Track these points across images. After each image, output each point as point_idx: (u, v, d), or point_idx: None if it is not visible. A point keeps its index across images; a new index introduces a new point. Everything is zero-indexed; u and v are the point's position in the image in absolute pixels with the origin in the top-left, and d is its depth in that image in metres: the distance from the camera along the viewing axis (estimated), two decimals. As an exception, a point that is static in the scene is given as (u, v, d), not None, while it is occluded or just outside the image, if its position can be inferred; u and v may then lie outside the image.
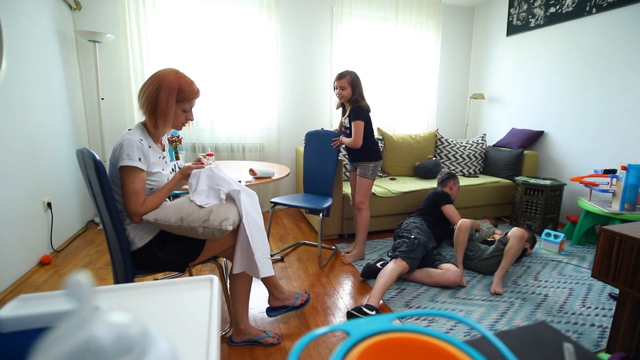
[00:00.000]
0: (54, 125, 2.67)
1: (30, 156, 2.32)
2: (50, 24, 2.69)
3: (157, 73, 1.32)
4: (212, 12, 3.25)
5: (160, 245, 1.37)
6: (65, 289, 0.14)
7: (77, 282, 0.14)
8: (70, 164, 2.92)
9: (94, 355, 0.14)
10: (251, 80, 3.46)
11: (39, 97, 2.47)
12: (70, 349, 0.14)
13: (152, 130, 1.34)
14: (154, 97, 1.29)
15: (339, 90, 2.38)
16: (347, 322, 0.28)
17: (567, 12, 3.30)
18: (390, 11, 3.80)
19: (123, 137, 1.26)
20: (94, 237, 2.97)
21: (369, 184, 2.47)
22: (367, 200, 2.49)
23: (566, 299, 2.05)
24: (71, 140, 2.96)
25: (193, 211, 1.31)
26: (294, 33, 3.62)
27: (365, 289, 2.16)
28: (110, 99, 3.23)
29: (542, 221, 3.05)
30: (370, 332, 0.27)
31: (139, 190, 1.26)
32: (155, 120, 1.31)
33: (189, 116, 1.39)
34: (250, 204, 1.48)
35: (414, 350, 0.27)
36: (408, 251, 2.13)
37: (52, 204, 2.57)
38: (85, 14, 3.09)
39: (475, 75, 4.42)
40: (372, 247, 2.77)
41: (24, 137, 2.27)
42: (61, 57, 2.84)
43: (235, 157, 3.52)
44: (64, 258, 2.54)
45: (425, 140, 3.75)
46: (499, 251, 2.26)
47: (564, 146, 3.38)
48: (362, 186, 2.47)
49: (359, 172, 2.48)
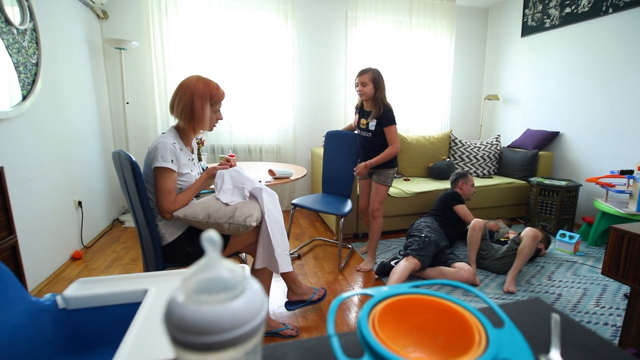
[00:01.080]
0: (84, 129, 2.83)
1: (63, 158, 2.48)
2: (81, 33, 2.85)
3: (184, 83, 1.43)
4: (231, 18, 3.37)
5: (189, 240, 1.48)
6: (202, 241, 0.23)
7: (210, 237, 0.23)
8: (97, 165, 3.08)
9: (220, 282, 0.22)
10: (268, 83, 3.57)
11: (71, 103, 2.63)
12: (205, 278, 0.23)
13: (191, 134, 1.45)
14: (189, 106, 1.39)
15: (360, 86, 2.25)
16: (370, 288, 0.36)
17: (582, 12, 3.29)
18: (404, 14, 3.86)
19: (158, 140, 1.37)
20: (120, 234, 3.12)
21: (386, 191, 2.39)
22: (382, 207, 2.42)
23: (580, 299, 2.07)
24: (99, 143, 3.12)
25: (219, 208, 1.41)
26: (310, 37, 3.71)
27: (379, 286, 2.22)
28: (134, 103, 3.38)
29: (557, 222, 3.05)
30: (389, 294, 0.35)
31: (171, 189, 1.37)
32: (194, 125, 1.43)
33: (219, 116, 1.51)
34: (271, 202, 1.57)
35: (423, 307, 0.34)
36: (419, 249, 2.18)
37: (83, 203, 2.72)
38: (112, 22, 3.25)
39: (489, 76, 4.43)
40: (386, 246, 2.83)
41: (58, 141, 2.42)
42: (90, 64, 3.00)
43: (253, 158, 3.63)
44: (93, 254, 2.69)
45: (439, 142, 3.78)
46: (512, 251, 2.30)
47: (580, 147, 3.37)
48: (380, 193, 2.38)
49: (377, 179, 2.38)
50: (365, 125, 2.36)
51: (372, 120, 2.29)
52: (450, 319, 0.33)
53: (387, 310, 0.34)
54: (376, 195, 2.39)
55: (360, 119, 2.40)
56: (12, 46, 1.94)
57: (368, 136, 2.35)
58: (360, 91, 2.25)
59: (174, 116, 1.46)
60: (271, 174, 2.20)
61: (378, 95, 2.24)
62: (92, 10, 3.08)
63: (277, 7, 3.46)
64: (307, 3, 3.65)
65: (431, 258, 2.22)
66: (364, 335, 0.29)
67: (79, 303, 0.75)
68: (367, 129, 2.34)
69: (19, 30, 2.00)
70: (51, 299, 0.73)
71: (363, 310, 0.33)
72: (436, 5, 3.94)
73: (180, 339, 0.22)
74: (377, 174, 2.39)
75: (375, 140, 2.33)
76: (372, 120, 2.28)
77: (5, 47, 1.88)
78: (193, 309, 0.22)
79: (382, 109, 2.23)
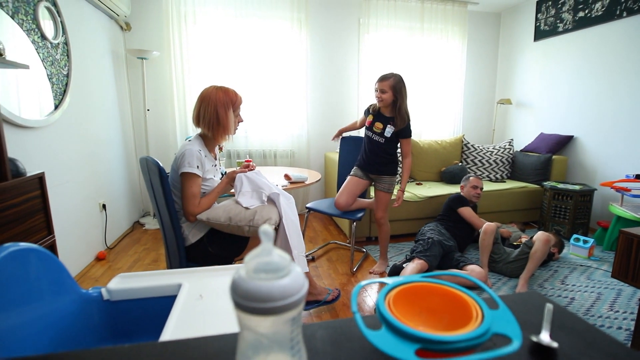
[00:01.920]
0: (108, 135, 2.97)
1: (89, 164, 2.61)
2: (106, 44, 3.00)
3: (204, 95, 1.52)
4: (246, 27, 3.49)
5: (211, 241, 1.56)
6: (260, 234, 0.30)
7: (266, 231, 0.30)
8: (119, 170, 3.22)
9: (273, 265, 0.30)
10: (282, 89, 3.67)
11: (97, 111, 2.77)
12: (262, 261, 0.30)
13: (215, 140, 1.55)
14: (214, 117, 1.49)
15: (379, 93, 2.19)
16: (385, 278, 0.43)
17: (596, 16, 3.29)
18: (415, 20, 3.91)
19: (185, 147, 1.46)
20: (140, 236, 3.24)
21: (389, 198, 2.40)
22: (387, 214, 2.42)
23: (593, 303, 2.07)
24: (121, 149, 3.26)
25: (240, 212, 1.49)
26: (323, 44, 3.80)
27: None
28: (155, 110, 3.52)
29: (572, 226, 3.05)
30: (402, 282, 0.41)
31: (195, 194, 1.46)
32: (220, 134, 1.52)
33: (240, 119, 1.60)
34: (288, 205, 1.64)
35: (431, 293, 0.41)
36: (424, 250, 2.24)
37: (107, 206, 2.85)
38: (134, 33, 3.40)
39: (502, 81, 4.44)
40: (398, 249, 2.88)
41: (85, 147, 2.56)
42: (114, 73, 3.15)
43: (268, 163, 3.73)
44: (116, 255, 2.81)
45: (451, 146, 3.81)
46: (524, 254, 2.31)
47: (595, 151, 3.35)
48: (385, 201, 2.39)
49: (381, 187, 2.38)
50: (380, 130, 2.30)
51: (389, 127, 2.25)
52: (453, 302, 0.40)
53: (400, 295, 0.40)
54: (381, 204, 2.39)
55: (375, 121, 2.32)
56: (47, 59, 2.07)
57: (380, 141, 2.31)
58: (379, 97, 2.21)
59: (200, 127, 1.55)
60: (287, 178, 2.28)
61: (400, 104, 2.18)
62: (116, 23, 3.24)
63: (291, 16, 3.56)
64: (320, 11, 3.75)
65: (438, 258, 2.27)
66: (381, 311, 0.36)
67: (120, 295, 0.83)
68: (382, 134, 2.29)
69: (53, 44, 2.14)
70: (97, 291, 0.82)
71: (380, 294, 0.40)
72: (448, 11, 3.98)
73: (242, 304, 0.29)
74: (382, 181, 2.37)
75: (387, 147, 2.32)
76: (390, 127, 2.25)
77: (41, 60, 2.02)
78: (253, 283, 0.29)
79: (404, 122, 2.21)
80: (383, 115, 2.30)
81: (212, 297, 0.79)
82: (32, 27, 1.95)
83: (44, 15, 2.06)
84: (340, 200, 2.40)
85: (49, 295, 0.71)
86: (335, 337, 0.42)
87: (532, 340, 0.41)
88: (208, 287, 0.83)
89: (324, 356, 0.39)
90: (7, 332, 0.57)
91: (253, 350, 0.30)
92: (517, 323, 0.36)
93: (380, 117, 2.31)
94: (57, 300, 0.72)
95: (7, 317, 0.58)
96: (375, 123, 2.32)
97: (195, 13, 3.37)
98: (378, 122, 2.31)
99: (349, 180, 2.46)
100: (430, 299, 0.40)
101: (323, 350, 0.40)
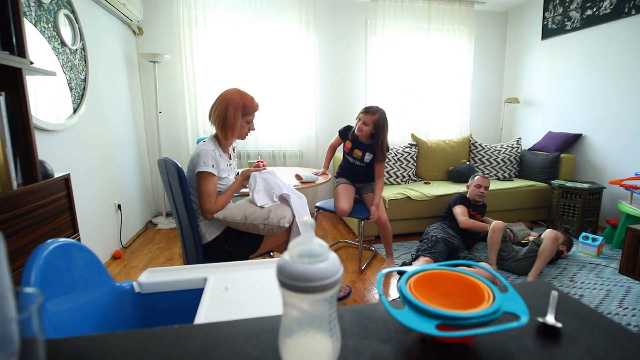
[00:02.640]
0: (122, 138, 3.05)
1: (105, 165, 2.69)
2: (120, 49, 3.08)
3: (223, 93, 1.58)
4: (255, 30, 3.55)
5: (227, 239, 1.62)
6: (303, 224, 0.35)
7: (308, 222, 0.35)
8: (133, 171, 3.30)
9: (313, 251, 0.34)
10: (291, 91, 3.72)
11: (111, 114, 2.85)
12: (305, 248, 0.35)
13: (223, 140, 1.60)
14: (223, 114, 1.54)
15: (361, 124, 2.28)
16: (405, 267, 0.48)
17: (604, 14, 3.29)
18: (422, 21, 3.94)
19: (200, 147, 1.52)
20: (153, 236, 3.32)
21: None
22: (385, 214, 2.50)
23: (602, 300, 2.09)
24: (134, 150, 3.34)
25: (255, 211, 1.54)
26: (331, 46, 3.85)
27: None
28: (166, 112, 3.60)
29: (580, 224, 3.05)
30: (419, 270, 0.46)
31: (212, 192, 1.51)
32: (225, 132, 1.57)
33: (251, 127, 1.65)
34: (300, 204, 1.69)
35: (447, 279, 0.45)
36: (428, 248, 2.31)
37: (122, 206, 2.93)
38: (146, 37, 3.49)
39: (509, 80, 4.44)
40: (408, 247, 2.91)
41: (101, 149, 2.64)
42: (127, 77, 3.23)
43: (277, 163, 3.79)
44: (131, 253, 2.89)
45: (459, 145, 3.83)
46: (532, 252, 2.34)
47: (604, 149, 3.35)
48: (381, 204, 2.49)
49: (370, 190, 2.53)
50: (359, 157, 2.45)
51: (368, 155, 2.41)
52: (467, 286, 0.44)
53: (419, 280, 0.45)
54: (382, 207, 2.48)
55: (354, 148, 2.46)
56: (66, 64, 2.15)
57: (361, 165, 2.47)
58: (360, 128, 2.30)
59: (210, 122, 1.62)
60: (298, 178, 2.33)
61: (382, 140, 2.27)
62: (129, 27, 3.32)
63: (300, 18, 3.61)
64: (328, 13, 3.80)
65: (444, 255, 2.31)
66: (404, 294, 0.41)
67: (150, 288, 0.89)
68: (362, 159, 2.45)
69: (71, 49, 2.22)
70: (129, 284, 0.88)
71: (401, 280, 0.45)
72: (455, 11, 4.01)
73: (287, 284, 0.34)
74: (369, 186, 2.53)
75: (367, 168, 2.48)
76: (369, 155, 2.40)
77: (61, 66, 2.09)
78: (296, 266, 0.34)
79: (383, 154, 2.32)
80: (362, 143, 2.43)
81: (237, 289, 0.84)
82: (52, 34, 2.03)
83: (63, 22, 2.14)
84: (343, 206, 2.41)
85: (90, 286, 0.77)
86: (361, 320, 0.47)
87: (539, 321, 0.45)
88: (232, 280, 0.89)
89: (352, 335, 0.44)
90: (60, 315, 0.63)
91: (297, 325, 0.35)
92: (524, 303, 0.40)
93: (358, 145, 2.45)
94: (96, 291, 0.78)
95: (59, 303, 0.64)
96: (354, 150, 2.47)
97: (206, 17, 3.44)
98: (357, 149, 2.46)
99: (341, 188, 2.53)
100: (446, 284, 0.45)
101: (351, 330, 0.45)
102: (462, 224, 2.59)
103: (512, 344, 0.41)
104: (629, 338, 0.42)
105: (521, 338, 0.42)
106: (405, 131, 4.07)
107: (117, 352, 0.41)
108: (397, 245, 2.98)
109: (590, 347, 0.40)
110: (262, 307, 0.77)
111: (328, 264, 0.34)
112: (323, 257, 0.35)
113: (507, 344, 0.41)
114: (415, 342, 0.42)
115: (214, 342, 0.42)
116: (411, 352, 0.40)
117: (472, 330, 0.35)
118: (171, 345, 0.42)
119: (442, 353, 0.40)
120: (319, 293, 0.34)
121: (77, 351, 0.42)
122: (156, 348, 0.42)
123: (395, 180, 3.56)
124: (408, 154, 3.64)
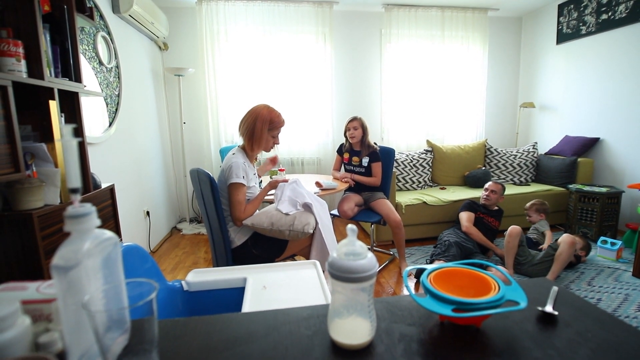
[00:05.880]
0: (150, 147, 3.23)
1: (135, 173, 2.87)
2: (147, 64, 3.28)
3: (253, 108, 1.71)
4: (274, 42, 3.70)
5: (254, 244, 1.73)
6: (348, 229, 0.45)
7: (352, 228, 0.45)
8: (159, 178, 3.48)
9: (356, 250, 0.45)
10: (309, 100, 3.85)
11: (141, 126, 3.03)
12: (350, 248, 0.45)
13: (249, 152, 1.73)
14: (251, 127, 1.67)
15: (352, 130, 2.66)
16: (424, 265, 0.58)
17: (620, 18, 3.30)
18: (436, 28, 4.02)
19: (231, 160, 1.65)
20: (179, 241, 3.48)
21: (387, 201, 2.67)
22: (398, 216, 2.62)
23: (620, 304, 2.11)
24: (160, 158, 3.53)
25: (281, 218, 1.66)
26: (347, 55, 3.97)
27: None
28: (190, 123, 3.78)
29: (599, 229, 3.05)
30: (438, 267, 0.56)
31: (241, 201, 1.64)
32: (252, 144, 1.70)
33: (276, 140, 1.77)
34: (322, 211, 1.80)
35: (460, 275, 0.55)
36: (442, 252, 2.41)
37: (150, 213, 3.10)
38: (171, 52, 3.68)
39: (524, 84, 4.46)
40: (424, 251, 2.98)
41: (132, 158, 2.81)
42: (154, 90, 3.43)
43: (295, 170, 3.91)
44: (159, 258, 3.05)
45: (474, 151, 3.87)
46: (549, 256, 2.37)
47: (622, 153, 3.34)
48: (387, 205, 2.60)
49: (378, 197, 2.67)
50: (358, 162, 2.76)
51: (365, 158, 2.71)
52: (477, 281, 0.53)
53: (438, 276, 0.54)
54: (390, 208, 2.60)
55: (352, 157, 2.80)
56: (103, 82, 2.33)
57: (362, 171, 2.74)
58: (352, 134, 2.68)
59: (239, 134, 1.75)
60: (318, 185, 2.44)
61: (365, 138, 2.69)
62: (155, 43, 3.52)
63: (316, 30, 3.75)
64: (343, 24, 3.92)
65: (458, 258, 2.39)
66: (425, 285, 0.51)
67: (197, 286, 1.01)
68: (361, 164, 2.73)
69: (107, 68, 2.40)
70: (179, 282, 1.00)
71: (423, 275, 0.55)
72: (468, 18, 4.07)
73: (337, 275, 0.44)
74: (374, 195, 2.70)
75: (368, 174, 2.73)
76: (365, 158, 2.70)
77: (99, 84, 2.27)
78: (342, 261, 0.44)
79: (372, 149, 2.67)
80: (356, 150, 2.76)
81: (274, 287, 0.95)
82: (92, 55, 2.21)
83: (101, 43, 2.32)
84: (344, 207, 2.58)
85: (151, 283, 0.89)
86: (389, 308, 0.57)
87: (539, 310, 0.54)
88: (269, 280, 1.00)
89: (383, 320, 0.54)
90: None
91: (344, 308, 0.46)
92: (524, 293, 0.50)
93: (354, 153, 2.78)
94: (154, 288, 0.91)
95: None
96: (352, 158, 2.80)
97: (227, 31, 3.62)
98: (354, 157, 2.78)
99: (346, 195, 2.77)
100: (460, 278, 0.55)
101: (382, 316, 0.55)
102: (464, 227, 2.69)
103: (515, 327, 0.51)
104: (615, 323, 0.50)
105: (523, 323, 0.52)
106: (421, 137, 4.13)
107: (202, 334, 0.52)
108: (414, 249, 3.05)
109: (580, 330, 0.49)
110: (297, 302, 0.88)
111: (367, 260, 0.45)
112: (363, 255, 0.45)
113: (511, 328, 0.51)
114: (435, 325, 0.52)
115: (273, 324, 0.53)
116: (432, 333, 0.50)
117: (481, 312, 0.45)
118: (247, 325, 0.53)
119: (457, 334, 0.50)
120: (360, 283, 0.44)
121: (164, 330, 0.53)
122: (230, 328, 0.53)
123: (411, 186, 3.63)
124: (424, 160, 3.71)
